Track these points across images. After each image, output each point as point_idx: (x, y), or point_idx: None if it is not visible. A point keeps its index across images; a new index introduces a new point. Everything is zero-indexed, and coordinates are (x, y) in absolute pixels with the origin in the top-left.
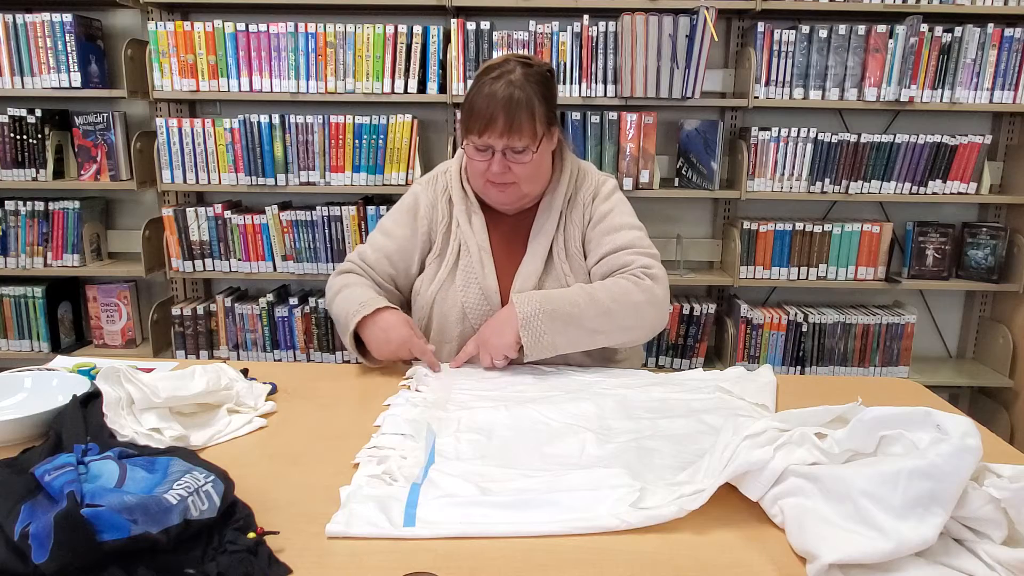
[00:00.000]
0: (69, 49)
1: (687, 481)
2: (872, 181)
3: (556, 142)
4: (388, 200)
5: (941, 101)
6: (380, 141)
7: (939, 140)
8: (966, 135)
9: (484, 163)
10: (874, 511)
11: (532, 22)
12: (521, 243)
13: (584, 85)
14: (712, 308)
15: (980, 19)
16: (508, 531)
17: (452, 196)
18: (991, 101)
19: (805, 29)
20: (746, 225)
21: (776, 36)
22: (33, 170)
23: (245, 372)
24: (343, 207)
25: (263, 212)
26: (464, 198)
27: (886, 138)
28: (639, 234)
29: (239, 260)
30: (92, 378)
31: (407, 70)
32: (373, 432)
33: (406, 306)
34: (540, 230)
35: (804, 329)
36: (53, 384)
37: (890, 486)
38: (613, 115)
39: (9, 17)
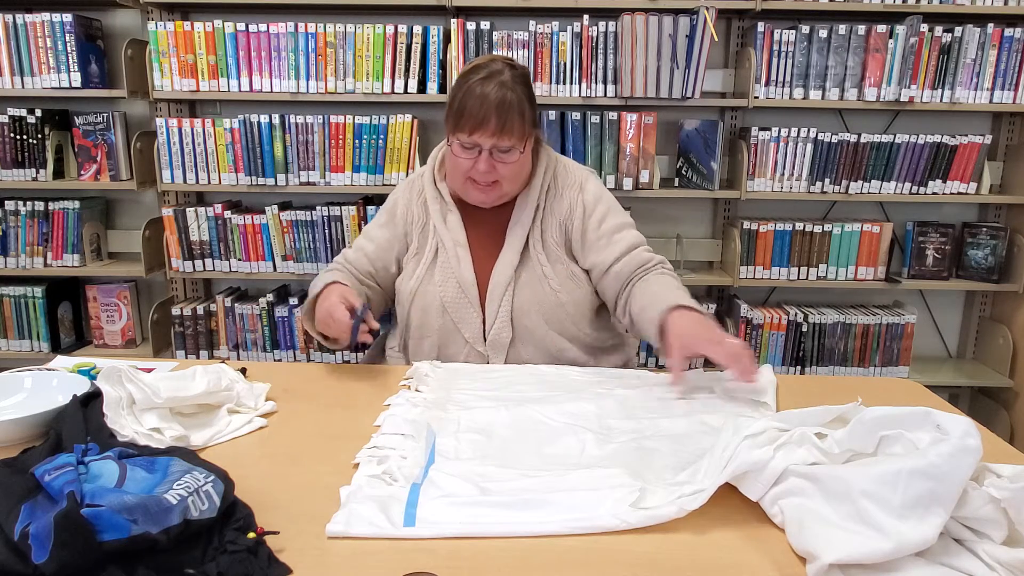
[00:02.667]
0: (69, 49)
1: (687, 481)
2: (872, 181)
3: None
4: None
5: (941, 101)
6: (380, 141)
7: (939, 140)
8: (966, 135)
9: (469, 161)
10: (874, 511)
11: (532, 22)
12: (499, 237)
13: (584, 85)
14: (712, 308)
15: (980, 19)
16: (508, 531)
17: (426, 198)
18: (991, 101)
19: (805, 29)
20: (746, 225)
21: (776, 36)
22: (33, 170)
23: (243, 372)
24: (343, 207)
25: (263, 212)
26: (438, 198)
27: (886, 138)
28: (637, 231)
29: (239, 260)
30: (92, 378)
31: (407, 70)
32: (373, 432)
33: (390, 302)
34: (517, 222)
35: (804, 329)
36: (53, 384)
37: (890, 486)
38: (613, 115)
39: (9, 17)
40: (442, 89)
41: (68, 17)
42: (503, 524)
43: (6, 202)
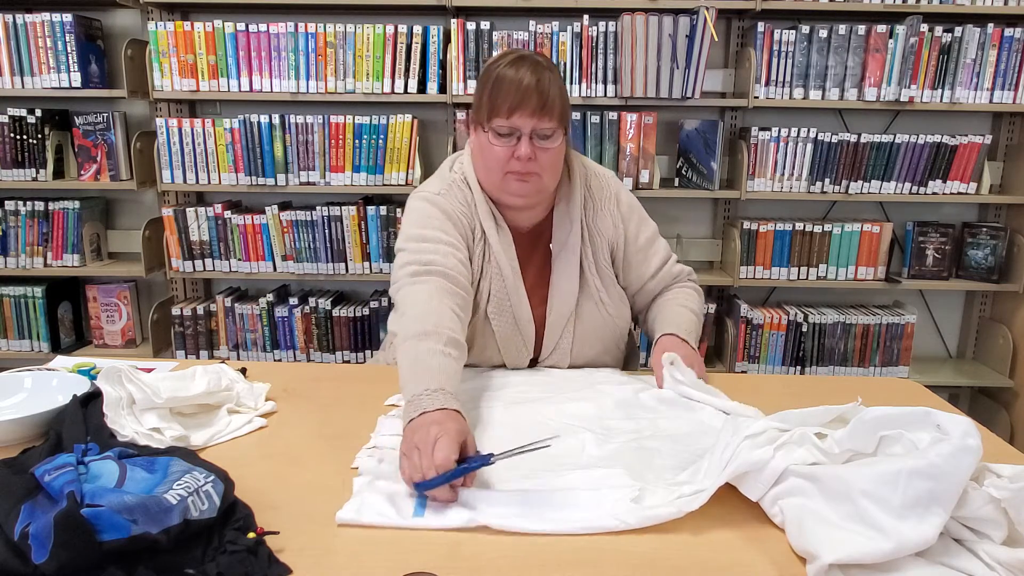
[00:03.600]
0: (69, 49)
1: (687, 481)
2: (872, 181)
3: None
4: (388, 200)
5: (941, 101)
6: (380, 141)
7: (939, 140)
8: (966, 135)
9: (507, 150)
10: (874, 511)
11: (532, 22)
12: (540, 258)
13: (584, 85)
14: (712, 308)
15: (980, 19)
16: (510, 526)
17: (478, 210)
18: (991, 101)
19: (805, 29)
20: (746, 225)
21: (776, 36)
22: (33, 170)
23: (243, 371)
24: (343, 207)
25: (263, 212)
26: (489, 213)
27: (886, 138)
28: (664, 240)
29: (239, 260)
30: (92, 378)
31: (407, 70)
32: (373, 432)
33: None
34: (564, 244)
35: (804, 329)
36: (53, 384)
37: (890, 486)
38: (613, 115)
39: (9, 17)
40: (442, 89)
41: (68, 17)
42: (505, 519)
43: (6, 202)
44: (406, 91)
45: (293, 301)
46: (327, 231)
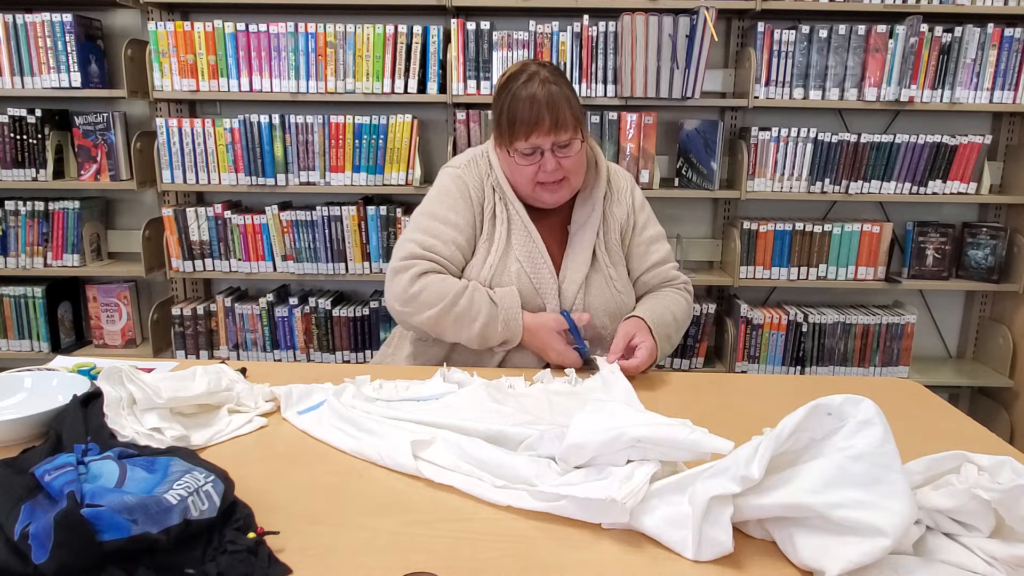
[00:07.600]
0: (69, 49)
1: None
2: (872, 181)
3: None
4: (388, 200)
5: (941, 101)
6: (380, 141)
7: (939, 140)
8: (966, 135)
9: (534, 166)
10: (854, 515)
11: (532, 22)
12: (558, 234)
13: (584, 85)
14: (712, 308)
15: (980, 19)
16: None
17: (499, 181)
18: (991, 101)
19: (805, 29)
20: (746, 225)
21: (776, 36)
22: (33, 170)
23: (243, 371)
24: (343, 207)
25: (263, 212)
26: (509, 188)
27: (886, 138)
28: (668, 246)
29: (239, 260)
30: (92, 378)
31: (407, 70)
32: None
33: None
34: (584, 223)
35: (804, 329)
36: (53, 384)
37: (847, 484)
38: (613, 115)
39: (9, 17)
40: (442, 89)
41: (68, 17)
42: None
43: (6, 202)
44: (406, 91)
45: (293, 301)
46: (327, 231)
